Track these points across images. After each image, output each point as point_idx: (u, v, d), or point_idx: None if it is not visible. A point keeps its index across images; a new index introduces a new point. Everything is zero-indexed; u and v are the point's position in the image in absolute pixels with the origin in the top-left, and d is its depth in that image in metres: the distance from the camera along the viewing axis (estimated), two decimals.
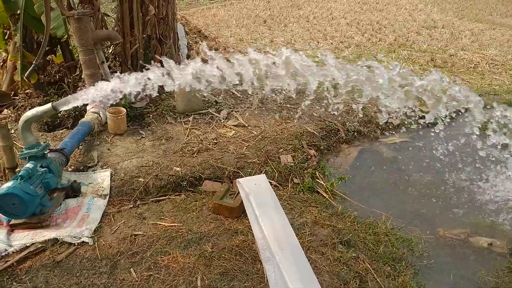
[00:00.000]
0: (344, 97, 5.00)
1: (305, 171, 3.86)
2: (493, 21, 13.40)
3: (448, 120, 4.21)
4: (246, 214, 2.75)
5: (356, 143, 4.77)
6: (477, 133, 4.06)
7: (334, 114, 4.93)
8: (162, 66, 3.68)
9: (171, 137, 3.97)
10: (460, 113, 4.36)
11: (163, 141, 3.90)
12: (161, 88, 2.55)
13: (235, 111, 4.59)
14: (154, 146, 3.80)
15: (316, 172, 3.93)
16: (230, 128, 4.24)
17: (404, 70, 3.79)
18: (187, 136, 4.00)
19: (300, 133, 4.37)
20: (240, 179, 2.81)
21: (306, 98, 4.80)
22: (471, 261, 3.03)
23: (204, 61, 3.52)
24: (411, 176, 4.15)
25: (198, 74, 4.11)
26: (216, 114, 4.46)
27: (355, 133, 4.85)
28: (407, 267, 2.85)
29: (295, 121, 4.60)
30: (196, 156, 3.69)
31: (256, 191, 2.71)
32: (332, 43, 9.15)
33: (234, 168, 3.59)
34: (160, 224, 2.84)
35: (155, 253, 2.52)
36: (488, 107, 3.73)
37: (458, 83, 3.81)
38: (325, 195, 3.63)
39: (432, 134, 4.57)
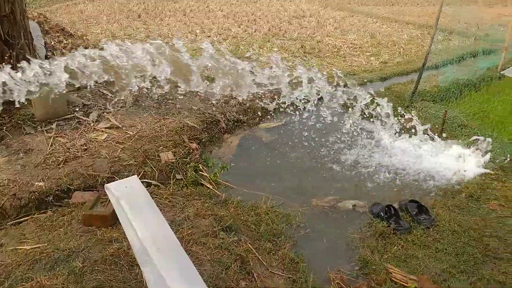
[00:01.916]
0: (220, 88, 5.11)
1: (188, 166, 3.83)
2: (352, 9, 15.06)
3: (314, 103, 4.65)
4: None
5: (237, 132, 4.92)
6: (340, 111, 4.55)
7: (213, 105, 5.00)
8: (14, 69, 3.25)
9: (31, 149, 3.55)
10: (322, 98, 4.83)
11: (21, 154, 3.46)
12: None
13: (107, 112, 4.31)
14: (10, 162, 3.35)
15: (199, 164, 3.94)
16: (102, 131, 3.97)
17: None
18: (51, 145, 3.62)
19: (180, 128, 4.32)
20: (108, 184, 2.65)
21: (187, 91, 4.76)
22: (340, 223, 3.40)
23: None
24: (288, 156, 4.46)
25: (54, 76, 3.74)
26: (84, 117, 4.11)
27: (236, 122, 4.99)
28: (286, 240, 3.06)
29: (174, 116, 4.53)
30: (62, 166, 3.36)
31: (127, 194, 2.58)
32: (210, 36, 9.22)
33: (108, 173, 3.37)
34: (20, 248, 2.52)
35: (14, 282, 2.23)
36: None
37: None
38: (209, 186, 3.67)
39: (304, 116, 5.00)
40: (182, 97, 5.08)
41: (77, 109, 4.27)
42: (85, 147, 3.65)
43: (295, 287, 2.57)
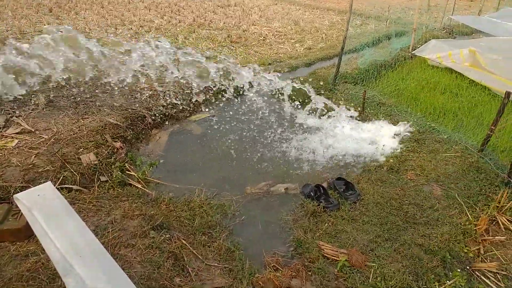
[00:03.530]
0: (144, 81, 4.90)
1: (113, 166, 3.63)
2: None
3: (241, 92, 4.66)
4: None
5: (166, 126, 4.77)
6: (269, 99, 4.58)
7: (136, 100, 4.78)
8: None
9: None
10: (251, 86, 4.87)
11: None
12: None
13: (16, 117, 3.91)
14: None
15: (126, 164, 3.75)
16: (12, 137, 3.60)
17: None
18: None
19: (102, 127, 4.06)
20: (18, 195, 2.39)
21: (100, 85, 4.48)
22: (274, 207, 3.47)
23: None
24: (219, 147, 4.43)
25: None
26: None
27: (164, 116, 4.83)
28: (222, 230, 3.05)
29: (95, 114, 4.25)
30: None
31: (40, 203, 2.35)
32: (131, 28, 8.77)
33: (21, 183, 3.07)
34: None
35: None
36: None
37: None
38: (137, 185, 3.51)
39: (232, 106, 5.00)
40: (101, 94, 4.78)
41: None
42: None
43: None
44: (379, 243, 3.02)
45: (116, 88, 4.92)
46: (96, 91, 4.85)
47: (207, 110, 5.16)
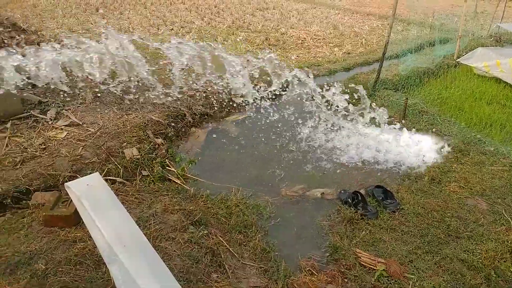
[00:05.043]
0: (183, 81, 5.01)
1: (154, 161, 3.73)
2: (314, 1, 15.21)
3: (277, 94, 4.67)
4: None
5: (204, 125, 4.85)
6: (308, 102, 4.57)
7: (177, 99, 4.90)
8: None
9: None
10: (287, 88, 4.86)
11: None
12: None
13: (66, 110, 4.11)
14: None
15: (166, 160, 3.85)
16: (61, 129, 3.78)
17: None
18: (6, 146, 3.41)
19: (145, 123, 4.19)
20: (68, 183, 2.52)
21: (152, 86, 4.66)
22: (309, 211, 3.44)
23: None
24: (255, 148, 4.45)
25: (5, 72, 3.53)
26: (41, 115, 3.90)
27: (202, 116, 4.92)
28: (257, 231, 3.06)
29: (138, 111, 4.39)
30: (20, 167, 3.18)
31: (88, 192, 2.46)
32: (172, 29, 9.01)
33: (69, 172, 3.22)
34: None
35: None
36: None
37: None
38: (177, 181, 3.60)
39: (268, 108, 5.01)
40: (145, 91, 4.94)
41: (33, 107, 4.05)
42: (44, 146, 3.46)
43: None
44: (419, 255, 2.93)
45: (159, 86, 5.07)
46: (140, 88, 5.01)
47: (243, 111, 5.21)
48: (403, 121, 4.98)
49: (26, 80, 3.89)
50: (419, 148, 4.42)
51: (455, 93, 6.02)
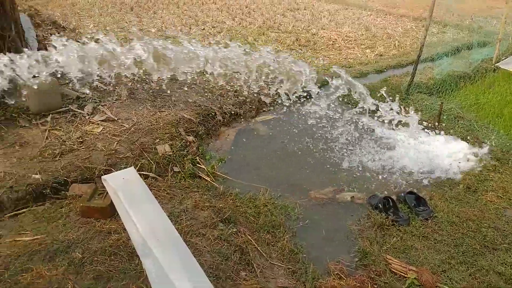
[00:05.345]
0: (219, 81, 5.07)
1: (185, 158, 3.80)
2: (346, 2, 14.99)
3: (306, 96, 4.60)
4: None
5: (234, 124, 4.89)
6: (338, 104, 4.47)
7: (208, 98, 4.96)
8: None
9: (27, 142, 3.49)
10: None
11: (17, 147, 3.40)
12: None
13: (102, 105, 4.25)
14: (6, 155, 3.29)
15: (197, 157, 3.91)
16: (98, 124, 3.92)
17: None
18: (46, 138, 3.56)
19: (177, 121, 4.27)
20: (105, 176, 2.62)
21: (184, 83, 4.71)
22: (338, 214, 3.40)
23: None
24: (284, 149, 4.44)
25: (51, 67, 3.68)
26: (79, 110, 4.05)
27: (232, 115, 4.96)
28: (285, 231, 3.05)
29: (170, 109, 4.48)
30: (59, 159, 3.32)
31: (124, 185, 2.55)
32: (204, 29, 9.12)
33: (105, 166, 3.33)
34: (19, 240, 2.49)
35: (14, 273, 2.21)
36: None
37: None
38: (207, 179, 3.64)
39: (299, 109, 4.99)
40: (177, 89, 5.03)
41: (72, 102, 4.21)
42: (81, 140, 3.60)
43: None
44: (452, 265, 2.83)
45: (193, 85, 5.15)
46: (173, 86, 5.11)
47: (272, 111, 5.21)
48: (438, 126, 4.83)
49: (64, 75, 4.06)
50: (454, 155, 4.27)
51: (494, 99, 5.78)
